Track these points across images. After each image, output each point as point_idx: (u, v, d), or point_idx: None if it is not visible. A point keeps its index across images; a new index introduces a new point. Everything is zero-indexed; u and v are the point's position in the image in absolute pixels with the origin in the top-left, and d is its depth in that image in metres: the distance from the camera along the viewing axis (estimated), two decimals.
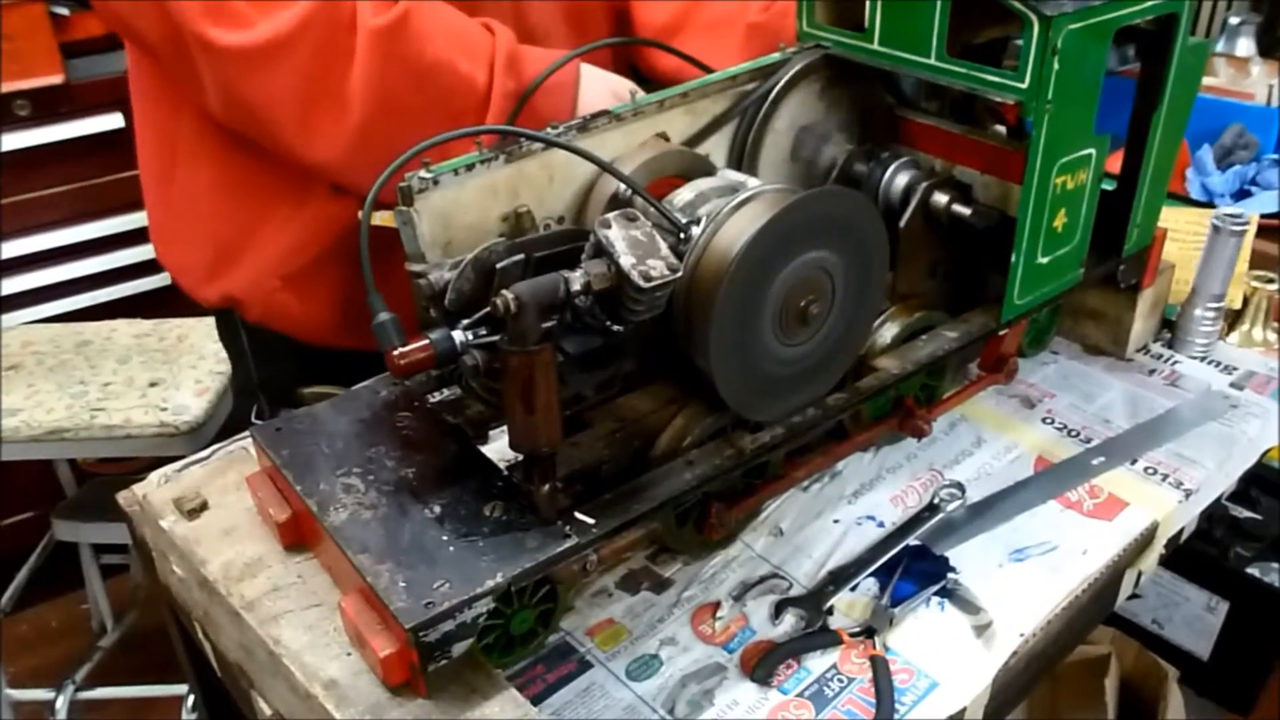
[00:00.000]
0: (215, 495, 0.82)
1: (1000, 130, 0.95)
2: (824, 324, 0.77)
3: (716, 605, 0.79)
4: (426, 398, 0.81)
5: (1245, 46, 1.94)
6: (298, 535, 0.77)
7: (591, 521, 0.69)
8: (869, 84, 0.92)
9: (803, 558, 0.83)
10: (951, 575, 0.80)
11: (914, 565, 0.81)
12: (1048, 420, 0.98)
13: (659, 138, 0.82)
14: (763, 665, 0.73)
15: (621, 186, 0.74)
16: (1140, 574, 0.87)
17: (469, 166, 0.72)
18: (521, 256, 0.68)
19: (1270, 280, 1.08)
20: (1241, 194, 1.52)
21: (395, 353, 0.64)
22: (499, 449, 0.77)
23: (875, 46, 0.86)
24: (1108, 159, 0.87)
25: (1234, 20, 1.95)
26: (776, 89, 0.87)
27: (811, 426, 0.81)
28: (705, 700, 0.72)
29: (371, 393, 0.83)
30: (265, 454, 0.78)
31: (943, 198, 0.87)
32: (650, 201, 0.71)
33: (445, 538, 0.68)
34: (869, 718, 0.70)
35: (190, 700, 1.84)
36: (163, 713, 1.95)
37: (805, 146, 0.91)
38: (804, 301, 0.74)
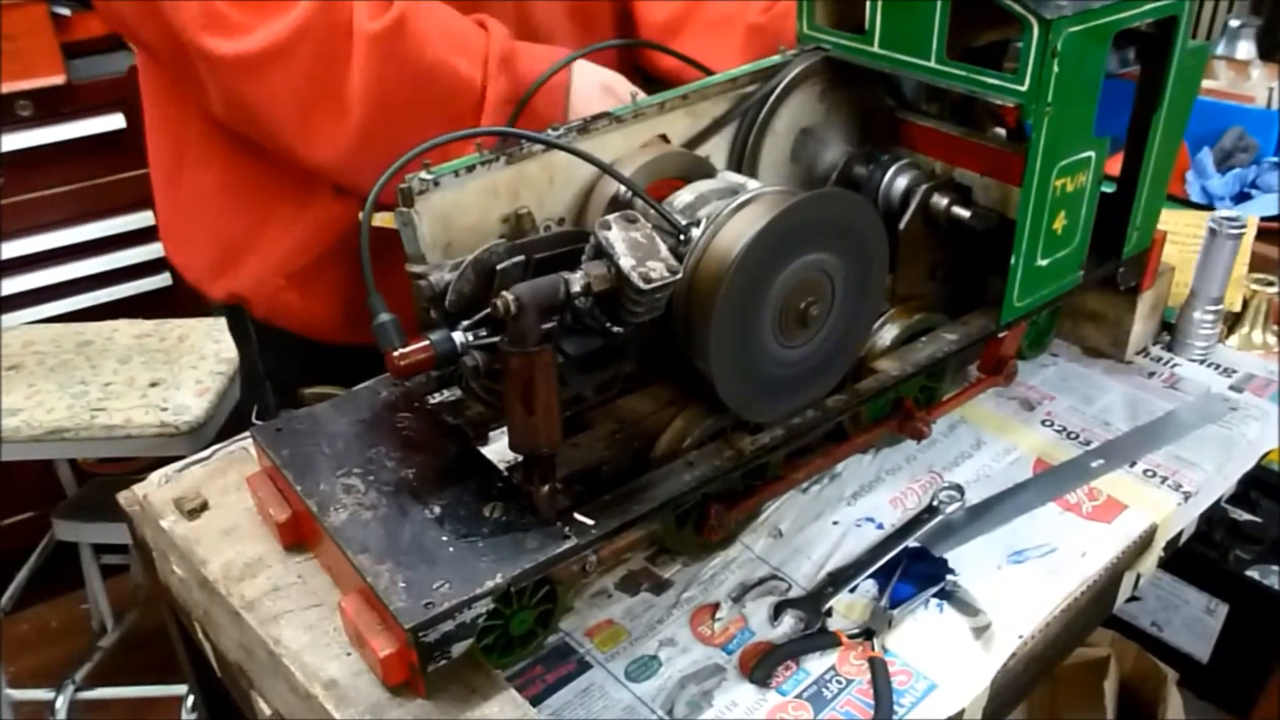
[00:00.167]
0: (215, 495, 0.82)
1: (1000, 133, 0.95)
2: (824, 326, 0.77)
3: (716, 606, 0.79)
4: (427, 398, 0.81)
5: (1245, 49, 1.95)
6: (298, 535, 0.77)
7: (591, 522, 0.69)
8: (869, 86, 0.92)
9: (802, 559, 0.83)
10: (950, 577, 0.80)
11: (913, 567, 0.81)
12: (1047, 422, 0.98)
13: (659, 139, 0.82)
14: (762, 666, 0.73)
15: (622, 188, 0.74)
16: (1139, 576, 0.88)
17: (469, 168, 0.72)
18: (522, 258, 0.68)
19: (1270, 283, 1.08)
20: (1241, 197, 1.52)
21: (395, 354, 0.64)
22: (499, 450, 0.77)
23: (875, 49, 0.86)
24: (1107, 161, 0.87)
25: (1234, 23, 1.95)
26: (777, 91, 0.87)
27: (811, 428, 0.81)
28: (704, 701, 0.72)
29: (372, 393, 0.83)
30: (265, 454, 0.78)
31: (943, 200, 0.87)
32: (650, 203, 0.72)
33: (445, 538, 0.68)
34: (867, 719, 0.70)
35: (190, 700, 1.84)
36: (163, 713, 1.95)
37: (805, 149, 0.91)
38: (804, 303, 0.74)
